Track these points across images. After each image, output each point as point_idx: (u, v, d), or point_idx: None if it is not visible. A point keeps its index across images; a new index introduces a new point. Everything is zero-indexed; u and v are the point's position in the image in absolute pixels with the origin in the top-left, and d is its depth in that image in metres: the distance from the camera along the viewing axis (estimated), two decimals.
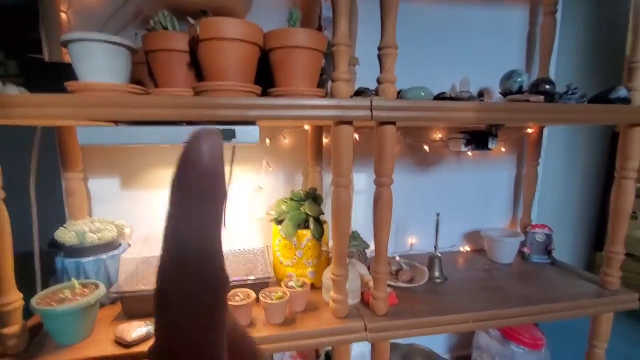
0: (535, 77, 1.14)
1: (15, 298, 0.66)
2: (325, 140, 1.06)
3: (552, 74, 1.14)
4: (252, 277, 0.85)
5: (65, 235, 0.80)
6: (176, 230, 0.12)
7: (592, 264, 1.80)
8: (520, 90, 0.96)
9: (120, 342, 0.71)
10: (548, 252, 1.12)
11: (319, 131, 1.02)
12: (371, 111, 0.68)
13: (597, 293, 0.94)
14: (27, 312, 0.70)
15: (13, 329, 0.66)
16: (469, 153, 1.14)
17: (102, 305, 0.84)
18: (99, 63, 0.62)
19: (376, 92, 0.82)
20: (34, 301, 0.69)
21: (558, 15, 1.08)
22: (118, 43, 0.62)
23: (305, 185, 1.11)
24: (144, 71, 0.79)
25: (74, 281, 0.74)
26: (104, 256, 0.84)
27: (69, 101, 0.59)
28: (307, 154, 1.05)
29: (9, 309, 0.65)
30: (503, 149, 1.18)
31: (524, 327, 1.12)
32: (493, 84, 1.13)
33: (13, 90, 0.63)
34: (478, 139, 0.94)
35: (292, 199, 0.95)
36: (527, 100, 0.77)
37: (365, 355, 1.30)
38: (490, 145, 0.93)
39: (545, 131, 1.16)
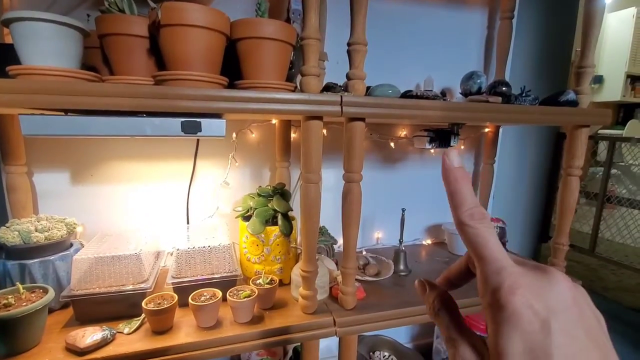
0: (493, 78, 1.20)
1: None
2: (293, 135, 1.05)
3: (507, 76, 1.21)
4: (218, 276, 0.83)
5: (7, 234, 0.72)
6: None
7: (538, 254, 1.95)
8: (479, 91, 1.00)
9: (72, 350, 0.66)
10: (502, 244, 1.19)
11: (287, 126, 1.01)
12: (341, 107, 0.68)
13: None
14: None
15: None
16: (432, 151, 1.18)
17: (51, 310, 0.77)
18: (46, 45, 0.56)
19: (344, 88, 0.82)
20: None
21: (514, 21, 1.15)
22: (67, 24, 0.57)
23: (272, 180, 1.10)
24: (98, 57, 0.73)
25: (19, 285, 0.68)
26: (52, 257, 0.77)
27: (11, 86, 0.53)
28: (275, 149, 1.03)
29: None
30: (462, 147, 1.24)
31: (480, 315, 1.19)
32: (454, 84, 1.18)
33: None
34: (441, 137, 0.98)
35: (259, 195, 0.93)
36: (487, 101, 0.81)
37: (332, 348, 1.32)
38: (452, 143, 0.97)
39: (500, 131, 1.23)
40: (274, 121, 1.02)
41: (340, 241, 1.16)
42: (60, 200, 0.93)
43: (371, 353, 1.27)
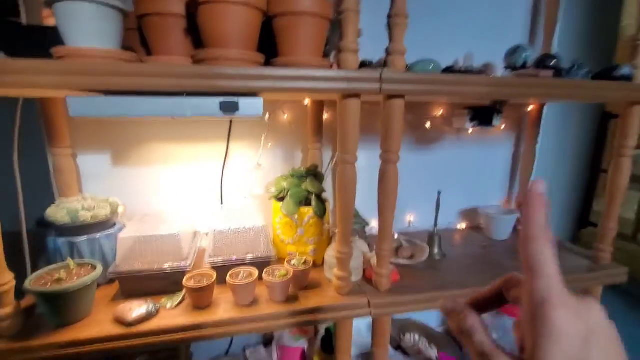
0: (539, 52, 1.12)
1: (7, 279, 0.63)
2: (325, 116, 1.03)
3: (554, 50, 1.13)
4: (254, 256, 0.84)
5: (57, 213, 0.76)
6: None
7: (577, 240, 1.86)
8: (524, 66, 0.94)
9: (120, 322, 0.69)
10: None
11: (319, 106, 0.99)
12: (380, 84, 0.65)
13: (589, 267, 0.97)
14: (19, 293, 0.67)
15: (6, 310, 0.64)
16: (470, 130, 1.13)
17: (98, 285, 0.81)
18: (89, 26, 0.56)
19: (379, 65, 0.79)
20: (27, 282, 0.66)
21: None
22: (109, 4, 0.57)
23: (304, 162, 1.09)
24: (136, 38, 0.73)
25: (70, 261, 0.71)
26: (98, 235, 0.80)
27: (57, 68, 0.54)
28: (307, 130, 1.02)
29: (1, 291, 0.62)
30: (503, 127, 1.17)
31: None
32: (496, 59, 1.11)
33: None
34: (482, 115, 0.92)
35: (292, 176, 0.93)
36: (537, 76, 0.75)
37: (361, 329, 1.33)
38: (494, 122, 0.91)
39: (545, 109, 1.16)
40: (306, 102, 1.01)
41: (372, 224, 1.15)
42: (101, 181, 0.97)
43: (402, 335, 1.27)
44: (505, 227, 1.14)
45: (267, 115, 1.01)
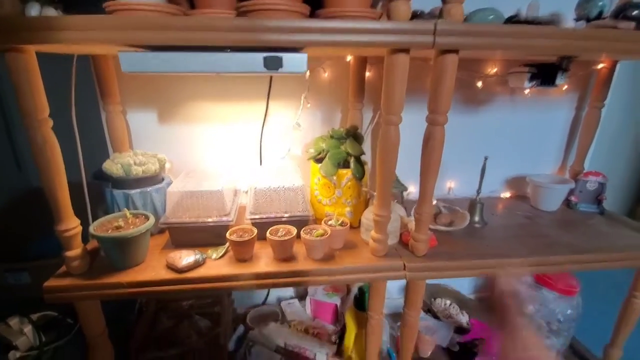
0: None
1: (74, 224, 0.70)
2: (368, 74, 0.98)
3: None
4: (292, 214, 0.86)
5: (112, 167, 0.81)
6: None
7: (633, 215, 1.72)
8: (600, 16, 0.82)
9: (172, 268, 0.75)
10: (598, 202, 1.06)
11: (362, 64, 0.94)
12: (434, 37, 0.60)
13: None
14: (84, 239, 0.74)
15: (75, 252, 0.71)
16: (526, 91, 1.03)
17: (151, 234, 0.88)
18: None
19: (431, 16, 0.72)
20: (92, 228, 0.72)
21: None
22: None
23: (343, 123, 1.07)
24: None
25: (126, 211, 0.77)
26: (149, 189, 0.85)
27: (111, 23, 0.55)
28: (348, 89, 0.98)
29: (70, 234, 0.69)
30: (565, 87, 1.06)
31: (559, 273, 1.11)
32: (564, 8, 0.98)
33: (51, 13, 0.59)
34: (545, 73, 0.83)
35: (332, 137, 0.92)
36: (615, 27, 0.65)
37: (392, 291, 1.36)
38: (558, 81, 0.82)
39: (617, 68, 1.02)
40: (348, 58, 0.96)
41: (410, 189, 1.13)
42: (149, 138, 1.01)
43: (432, 299, 1.28)
44: (554, 198, 1.07)
45: (307, 73, 0.98)
